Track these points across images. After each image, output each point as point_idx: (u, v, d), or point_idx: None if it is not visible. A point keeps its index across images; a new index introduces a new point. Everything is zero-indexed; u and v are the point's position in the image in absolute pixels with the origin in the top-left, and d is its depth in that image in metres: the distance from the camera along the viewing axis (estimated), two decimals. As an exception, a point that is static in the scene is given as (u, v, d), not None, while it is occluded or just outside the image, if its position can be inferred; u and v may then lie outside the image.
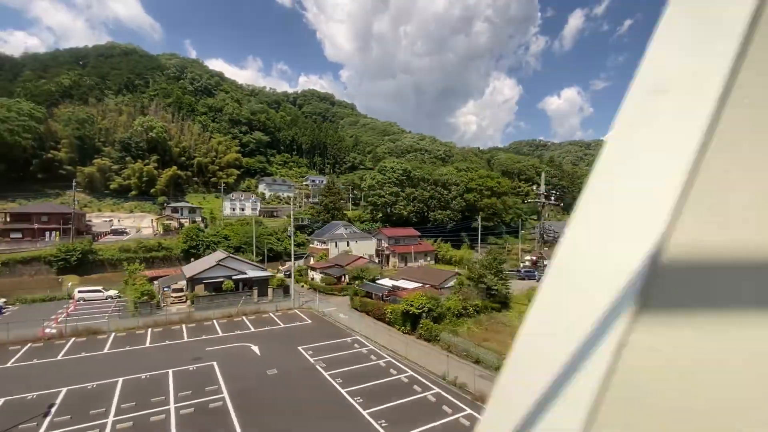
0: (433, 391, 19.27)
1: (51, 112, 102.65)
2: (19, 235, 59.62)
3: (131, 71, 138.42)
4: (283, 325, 30.39)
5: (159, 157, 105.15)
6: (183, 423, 15.81)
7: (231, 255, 42.12)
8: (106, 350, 24.49)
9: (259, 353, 24.20)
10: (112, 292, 39.49)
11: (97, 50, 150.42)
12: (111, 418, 16.05)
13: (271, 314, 33.44)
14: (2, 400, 17.64)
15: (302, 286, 46.92)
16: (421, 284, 34.23)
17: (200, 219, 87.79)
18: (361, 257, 49.00)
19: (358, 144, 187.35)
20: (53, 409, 16.82)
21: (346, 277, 44.55)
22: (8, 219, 61.86)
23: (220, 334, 28.12)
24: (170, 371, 21.12)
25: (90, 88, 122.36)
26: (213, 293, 36.40)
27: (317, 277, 47.45)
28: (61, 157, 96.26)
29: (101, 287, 39.82)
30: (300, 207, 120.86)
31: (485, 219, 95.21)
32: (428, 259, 64.29)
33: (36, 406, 16.95)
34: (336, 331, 29.32)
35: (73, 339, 26.39)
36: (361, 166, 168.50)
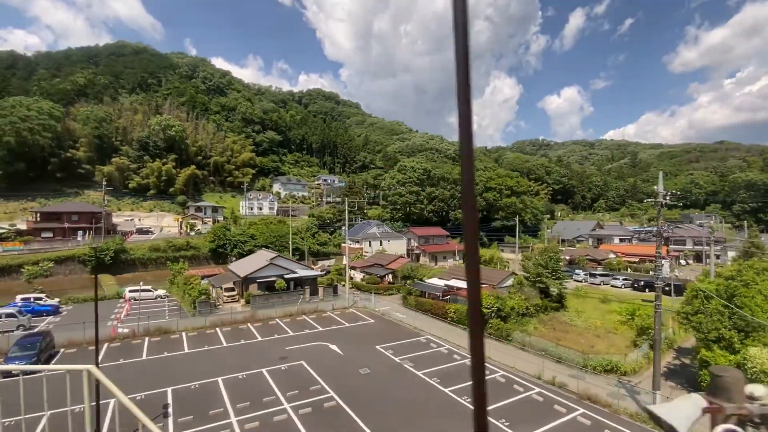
0: (535, 391, 19.28)
1: (67, 111, 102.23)
2: (50, 235, 59.41)
3: (144, 70, 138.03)
4: (348, 324, 30.35)
5: (177, 157, 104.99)
6: (308, 423, 15.77)
7: (280, 255, 42.02)
8: (186, 350, 24.42)
9: (341, 352, 24.16)
10: (161, 292, 39.38)
11: (108, 49, 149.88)
12: (234, 419, 16.00)
13: (330, 313, 33.41)
14: (113, 400, 17.57)
15: (342, 285, 46.86)
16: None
17: (222, 218, 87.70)
18: (401, 256, 48.99)
19: (368, 143, 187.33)
20: (169, 410, 16.78)
21: (389, 276, 44.53)
22: (38, 218, 61.59)
23: (291, 333, 28.06)
24: (263, 370, 21.08)
25: (104, 87, 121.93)
26: (266, 292, 36.32)
27: (358, 276, 47.40)
28: (79, 156, 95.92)
29: (150, 287, 39.70)
30: (315, 206, 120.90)
31: (505, 218, 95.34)
32: (457, 258, 64.25)
33: (151, 407, 16.89)
34: (403, 330, 29.30)
35: (147, 338, 26.33)
36: (372, 166, 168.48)
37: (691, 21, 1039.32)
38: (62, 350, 24.02)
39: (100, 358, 22.53)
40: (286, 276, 37.71)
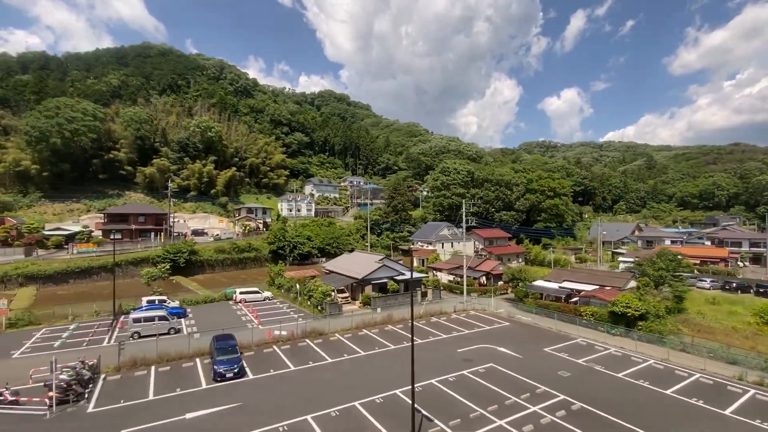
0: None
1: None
2: (119, 236, 59.11)
3: (172, 71, 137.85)
4: (488, 327, 30.34)
5: (215, 158, 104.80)
6: (580, 425, 15.73)
7: (387, 257, 41.95)
8: (362, 351, 24.27)
9: (516, 354, 24.14)
10: (268, 294, 39.19)
11: (135, 50, 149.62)
12: (501, 421, 15.95)
13: (455, 315, 33.38)
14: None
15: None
16: (598, 286, 34.26)
17: (270, 219, 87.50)
18: (487, 259, 48.99)
19: (389, 145, 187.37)
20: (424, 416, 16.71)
21: (482, 278, 44.53)
22: (106, 220, 61.28)
23: (442, 335, 28.04)
24: (465, 372, 21.06)
25: (137, 88, 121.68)
26: (380, 294, 36.26)
27: (444, 277, 47.38)
28: (120, 157, 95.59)
29: (256, 288, 39.53)
30: (346, 208, 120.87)
31: (547, 220, 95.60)
32: (519, 260, 64.37)
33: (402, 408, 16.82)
34: (548, 333, 29.31)
35: (306, 340, 26.22)
36: (395, 167, 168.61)
37: (691, 23, 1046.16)
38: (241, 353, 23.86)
39: (286, 360, 22.44)
40: (396, 278, 37.68)
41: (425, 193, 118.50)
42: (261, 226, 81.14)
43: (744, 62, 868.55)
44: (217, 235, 71.02)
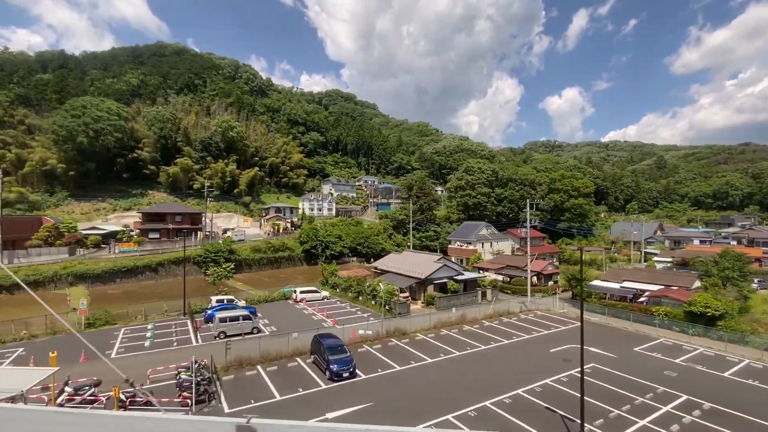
0: None
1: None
2: (157, 235, 59.09)
3: (188, 70, 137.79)
4: (563, 327, 30.34)
5: (237, 158, 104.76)
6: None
7: (444, 256, 41.93)
8: (457, 351, 24.28)
9: (609, 354, 24.12)
10: (326, 293, 39.16)
11: (150, 49, 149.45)
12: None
13: (523, 315, 33.38)
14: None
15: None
16: (662, 286, 34.26)
17: (296, 219, 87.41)
18: (536, 259, 49.00)
19: (401, 144, 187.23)
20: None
21: (534, 277, 44.51)
22: (143, 219, 61.26)
23: (524, 335, 28.01)
24: (574, 372, 21.03)
25: (155, 87, 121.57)
26: (443, 294, 36.25)
27: (490, 277, 47.34)
28: (144, 156, 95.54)
29: (314, 288, 39.51)
30: (364, 207, 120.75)
31: (571, 219, 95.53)
32: (554, 260, 64.31)
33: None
34: (624, 332, 29.33)
35: (393, 340, 26.20)
36: (408, 167, 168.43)
37: (693, 22, 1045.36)
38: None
39: (386, 359, 22.41)
40: (456, 277, 37.66)
41: (444, 192, 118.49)
42: (289, 225, 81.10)
43: (746, 61, 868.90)
44: (239, 233, 70.96)
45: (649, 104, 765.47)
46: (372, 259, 74.09)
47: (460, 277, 37.80)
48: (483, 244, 58.90)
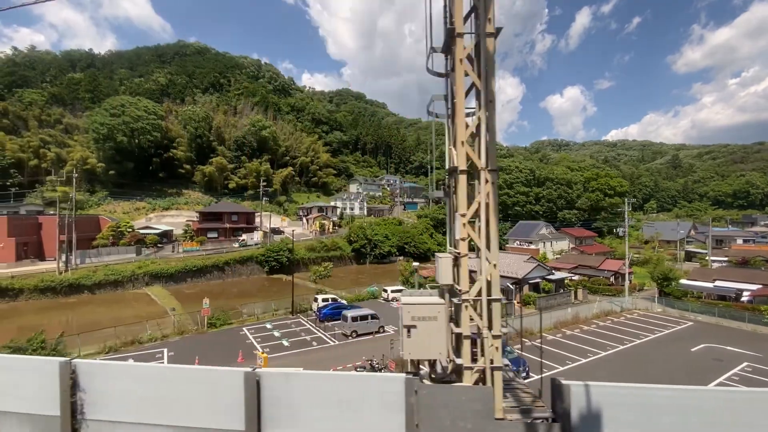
0: None
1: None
2: (215, 235, 59.01)
3: (213, 70, 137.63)
4: (679, 327, 30.28)
5: (269, 157, 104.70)
6: None
7: (532, 256, 41.86)
8: (626, 346, 24.26)
9: (755, 353, 24.09)
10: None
11: (172, 49, 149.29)
12: None
13: (627, 315, 33.33)
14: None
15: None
16: (761, 285, 34.26)
17: (337, 218, 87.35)
18: (606, 258, 49.02)
19: (420, 144, 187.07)
20: None
21: (611, 277, 44.50)
22: (201, 218, 61.16)
23: (650, 335, 27.96)
24: (737, 371, 21.01)
25: (183, 86, 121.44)
26: (538, 294, 36.21)
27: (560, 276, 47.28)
28: (179, 155, 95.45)
29: (402, 287, 39.41)
30: (392, 207, 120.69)
31: (608, 219, 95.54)
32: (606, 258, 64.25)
33: None
34: (742, 331, 29.29)
35: (528, 341, 26.12)
36: (428, 166, 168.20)
37: (696, 20, 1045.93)
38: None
39: (544, 360, 22.27)
40: (548, 277, 37.62)
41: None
42: (333, 224, 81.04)
43: (749, 61, 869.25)
44: (283, 232, 70.60)
45: (651, 103, 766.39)
46: (415, 259, 74.16)
47: (551, 277, 37.77)
48: (544, 243, 58.90)
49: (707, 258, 65.41)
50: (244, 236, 60.35)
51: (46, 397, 5.07)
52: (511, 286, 35.31)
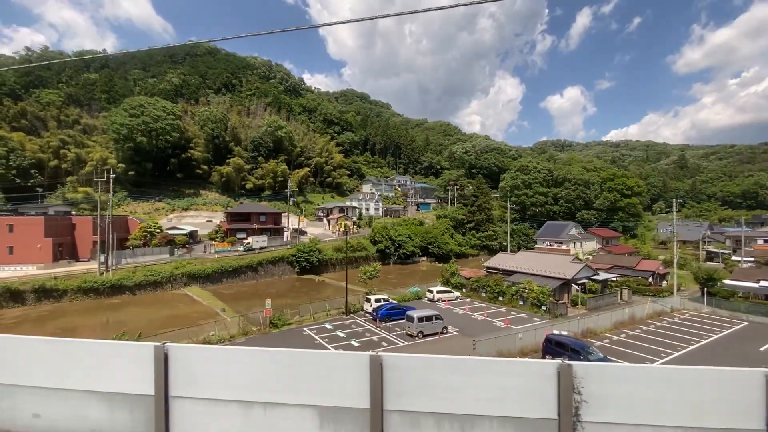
0: None
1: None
2: (244, 235, 58.93)
3: (225, 70, 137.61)
4: (736, 327, 30.31)
5: (286, 157, 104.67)
6: None
7: (576, 257, 41.90)
8: (700, 343, 24.25)
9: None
10: (457, 293, 39.06)
11: (183, 49, 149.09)
12: None
13: (677, 315, 33.34)
14: None
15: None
16: (811, 284, 34.38)
17: (356, 218, 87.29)
18: (642, 258, 49.08)
19: (429, 144, 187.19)
20: None
21: (650, 278, 44.53)
22: (229, 218, 61.06)
23: (713, 336, 27.97)
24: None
25: (196, 87, 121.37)
26: (588, 294, 36.23)
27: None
28: (196, 156, 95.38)
29: (447, 288, 39.41)
30: (405, 207, 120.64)
31: (625, 219, 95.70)
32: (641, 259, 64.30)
33: None
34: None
35: (595, 341, 26.14)
36: (437, 167, 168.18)
37: (696, 20, 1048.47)
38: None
39: (625, 361, 22.25)
40: (594, 277, 37.64)
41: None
42: (354, 225, 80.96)
43: (749, 61, 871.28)
44: (305, 232, 70.67)
45: (651, 103, 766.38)
46: (434, 259, 74.19)
47: (597, 278, 37.79)
48: (575, 244, 58.92)
49: (732, 258, 65.60)
50: (249, 239, 56.72)
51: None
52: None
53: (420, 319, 26.35)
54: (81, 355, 5.84)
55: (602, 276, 38.92)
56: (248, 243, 56.05)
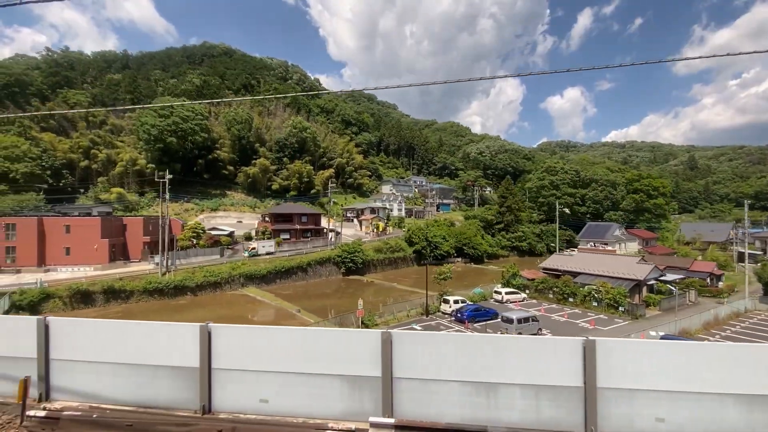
0: None
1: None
2: (288, 236, 58.84)
3: (243, 71, 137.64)
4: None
5: (310, 158, 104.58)
6: None
7: (643, 257, 41.95)
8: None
9: None
10: (524, 294, 39.06)
11: (200, 50, 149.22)
12: None
13: (756, 316, 33.40)
14: None
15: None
16: None
17: (386, 219, 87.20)
18: (695, 260, 49.14)
19: (442, 145, 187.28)
20: None
21: (708, 279, 44.57)
22: (272, 219, 60.95)
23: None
24: None
25: (217, 88, 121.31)
26: (658, 295, 36.26)
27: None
28: (223, 157, 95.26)
29: (514, 289, 39.40)
30: (425, 208, 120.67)
31: (650, 220, 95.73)
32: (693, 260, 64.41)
33: None
34: None
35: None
36: (452, 167, 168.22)
37: (697, 21, 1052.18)
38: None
39: None
40: (662, 278, 37.68)
41: (491, 192, 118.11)
42: (387, 226, 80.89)
43: (749, 62, 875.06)
44: (339, 233, 70.51)
45: (651, 104, 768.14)
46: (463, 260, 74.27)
47: (665, 279, 37.82)
48: (619, 245, 58.97)
49: (766, 258, 65.56)
50: (254, 245, 52.49)
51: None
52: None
53: (519, 321, 26.31)
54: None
55: (669, 277, 38.94)
56: (253, 249, 51.75)
